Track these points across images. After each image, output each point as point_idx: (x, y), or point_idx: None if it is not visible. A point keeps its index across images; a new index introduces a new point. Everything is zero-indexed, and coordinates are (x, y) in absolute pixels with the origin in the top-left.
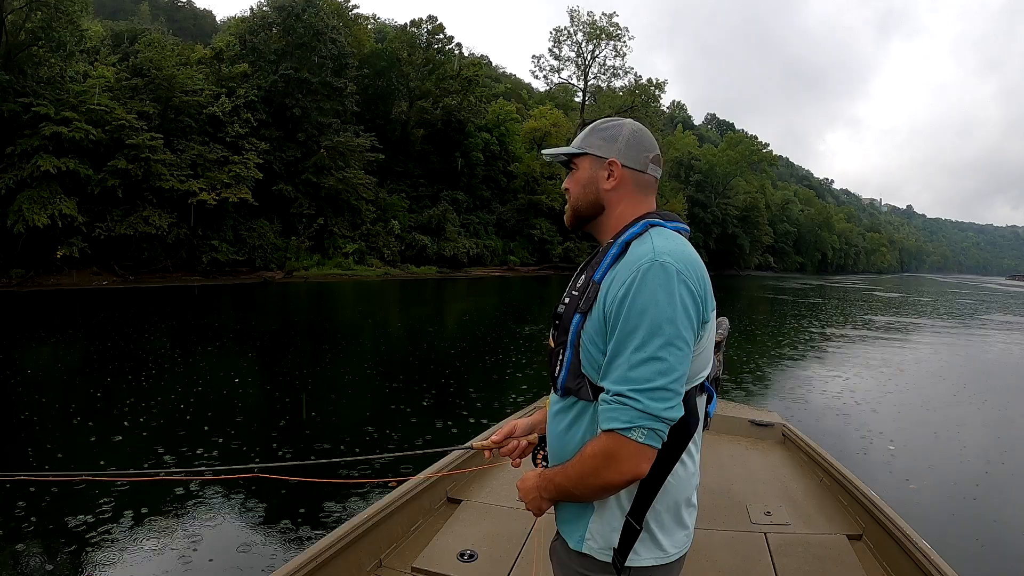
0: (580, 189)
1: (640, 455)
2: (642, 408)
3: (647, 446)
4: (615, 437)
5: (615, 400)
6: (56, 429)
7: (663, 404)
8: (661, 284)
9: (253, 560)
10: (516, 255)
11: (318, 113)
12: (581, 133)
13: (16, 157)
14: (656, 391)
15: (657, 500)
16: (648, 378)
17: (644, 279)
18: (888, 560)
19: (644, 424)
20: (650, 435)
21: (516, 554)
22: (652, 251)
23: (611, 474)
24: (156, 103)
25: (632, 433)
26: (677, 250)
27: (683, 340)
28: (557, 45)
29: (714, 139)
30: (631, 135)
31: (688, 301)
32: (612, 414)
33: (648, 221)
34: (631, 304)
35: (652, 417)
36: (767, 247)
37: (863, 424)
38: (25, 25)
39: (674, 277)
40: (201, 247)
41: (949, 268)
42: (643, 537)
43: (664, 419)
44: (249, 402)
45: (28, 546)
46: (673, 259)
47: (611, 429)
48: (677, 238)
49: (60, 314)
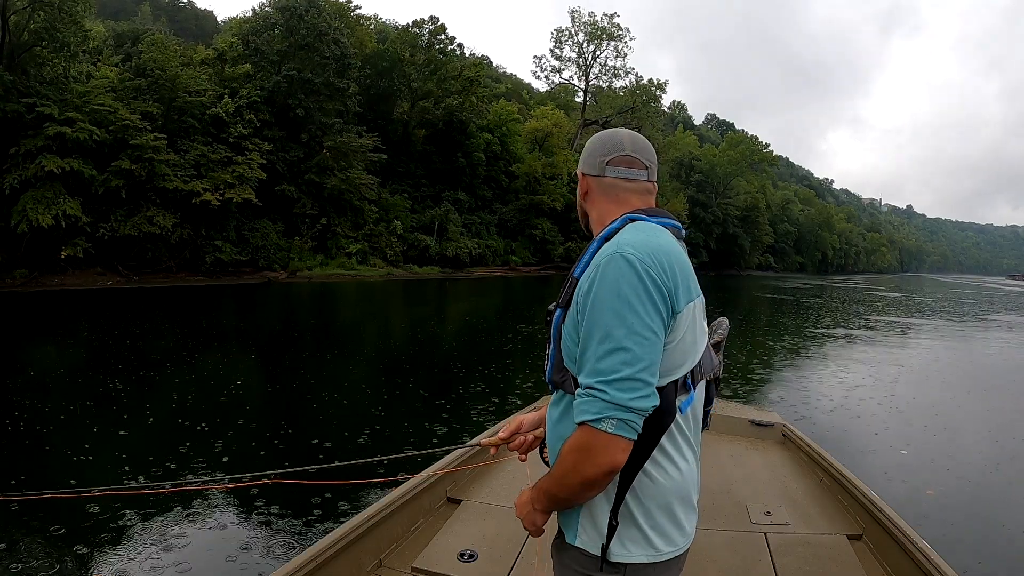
0: (576, 203)
1: (612, 445)
2: (609, 399)
3: (619, 436)
4: (587, 429)
5: (586, 393)
6: (60, 430)
7: (630, 394)
8: (622, 275)
9: (253, 560)
10: (518, 255)
11: (321, 113)
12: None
13: (20, 157)
14: (622, 381)
15: (644, 497)
16: (614, 369)
17: (605, 271)
18: (888, 560)
19: (613, 415)
20: (620, 425)
21: (516, 554)
22: (616, 244)
23: (588, 467)
24: (159, 103)
25: (602, 424)
26: (643, 241)
27: (648, 329)
28: (558, 45)
29: (714, 139)
30: (592, 143)
31: (652, 290)
32: (583, 407)
33: (628, 216)
34: (594, 297)
35: (620, 407)
36: (768, 247)
37: (864, 424)
38: (28, 25)
39: (636, 267)
40: (204, 247)
41: (949, 268)
42: (633, 534)
43: (633, 409)
44: (254, 403)
45: (29, 551)
46: (636, 250)
47: (583, 421)
48: (652, 230)
49: (67, 314)
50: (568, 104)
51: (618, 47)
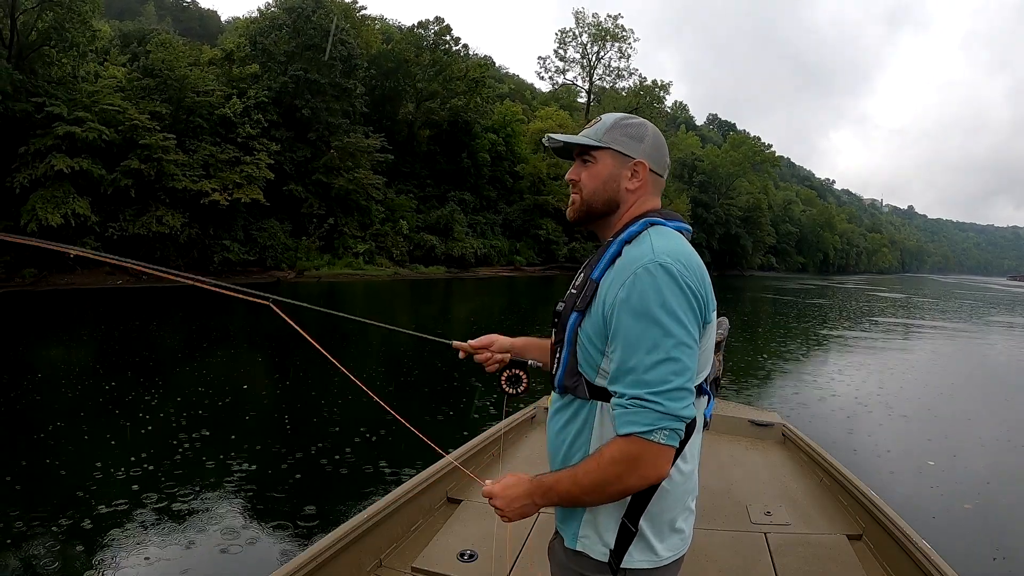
0: (598, 184)
1: (662, 456)
2: (663, 410)
3: (668, 447)
4: (636, 441)
5: (633, 403)
6: (67, 428)
7: (681, 403)
8: (665, 285)
9: (253, 560)
10: (522, 255)
11: (328, 114)
12: (599, 125)
13: (30, 156)
14: (674, 391)
15: (654, 502)
16: (665, 379)
17: (646, 280)
18: (888, 560)
19: (666, 425)
20: (671, 435)
21: (516, 554)
22: (652, 251)
23: (633, 479)
24: (168, 104)
25: (654, 435)
26: (677, 250)
27: (692, 339)
28: (562, 46)
29: (716, 140)
30: (656, 137)
31: (693, 301)
32: (632, 418)
33: (648, 220)
34: (636, 306)
35: (673, 417)
36: (769, 247)
37: (864, 424)
38: (37, 25)
39: (676, 277)
40: (213, 247)
41: (950, 268)
42: (637, 539)
43: (683, 418)
44: (261, 401)
45: (29, 545)
46: (673, 259)
47: (631, 433)
48: (677, 237)
49: (80, 314)
50: (571, 105)
51: (622, 48)
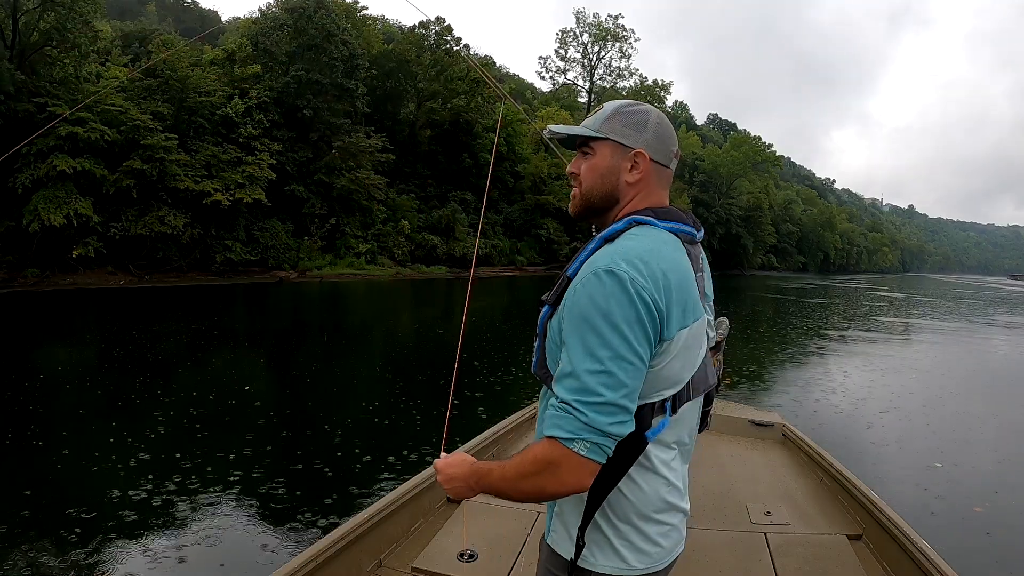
0: (597, 178)
1: (582, 468)
2: (587, 420)
3: (589, 459)
4: (557, 446)
5: (561, 408)
6: (70, 428)
7: (609, 419)
8: (612, 294)
9: (253, 560)
10: (524, 255)
11: (329, 114)
12: (599, 113)
13: (32, 157)
14: (603, 405)
15: (613, 514)
16: (594, 391)
17: (593, 286)
18: (888, 560)
19: (588, 437)
20: (593, 449)
21: (516, 554)
22: (612, 254)
23: (551, 483)
24: (170, 104)
25: (575, 445)
26: (642, 254)
27: (635, 354)
28: (563, 46)
29: (716, 139)
30: (659, 125)
31: (643, 314)
32: (557, 421)
33: (634, 218)
34: (579, 311)
35: (596, 431)
36: (770, 247)
37: (864, 424)
38: (39, 25)
39: (627, 287)
40: (215, 247)
41: (951, 268)
42: (601, 544)
43: (610, 434)
44: (265, 402)
45: (30, 545)
46: (630, 266)
47: (553, 436)
48: (656, 239)
49: (84, 314)
50: (572, 105)
51: (623, 48)
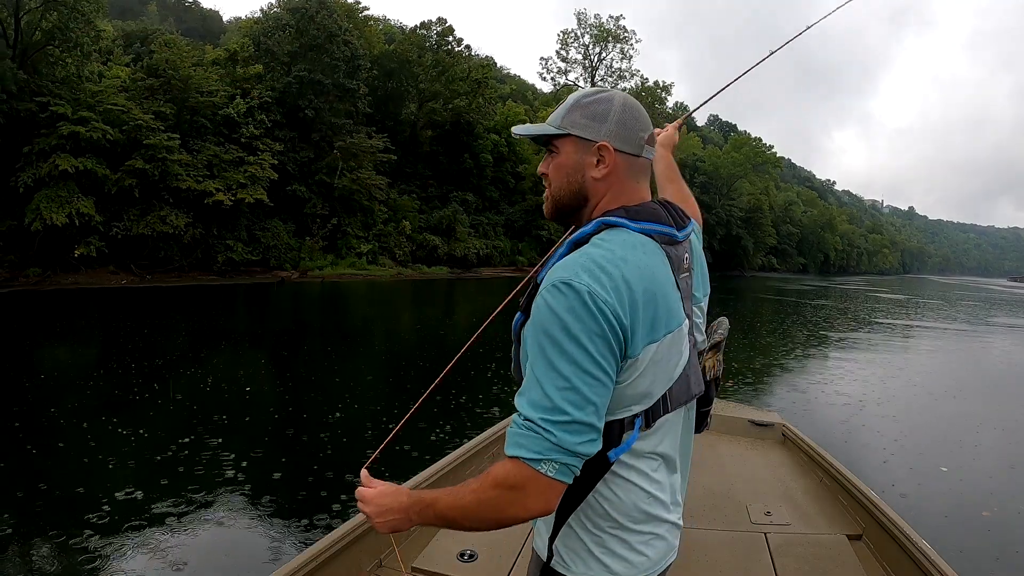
0: (564, 178)
1: (549, 490)
2: (555, 440)
3: (556, 481)
4: (522, 467)
5: (526, 426)
6: (72, 428)
7: (577, 439)
8: (571, 309)
9: (252, 560)
10: (524, 255)
11: (331, 114)
12: (560, 108)
13: (34, 156)
14: (569, 424)
15: (590, 523)
16: (560, 409)
17: (553, 298)
18: (888, 560)
19: (556, 458)
20: (562, 470)
21: (516, 554)
22: (575, 264)
23: (515, 509)
24: (172, 104)
25: (542, 466)
26: (604, 264)
27: (600, 369)
28: (564, 47)
29: (717, 141)
30: (623, 111)
31: (606, 329)
32: (521, 440)
33: (603, 220)
34: (542, 323)
35: (564, 451)
36: (771, 248)
37: (864, 424)
38: (41, 24)
39: (587, 301)
40: (216, 247)
41: (951, 270)
42: (580, 551)
43: (579, 454)
44: (266, 402)
45: (31, 544)
46: (591, 277)
47: (518, 457)
48: (627, 244)
49: (86, 313)
50: None
51: (624, 49)
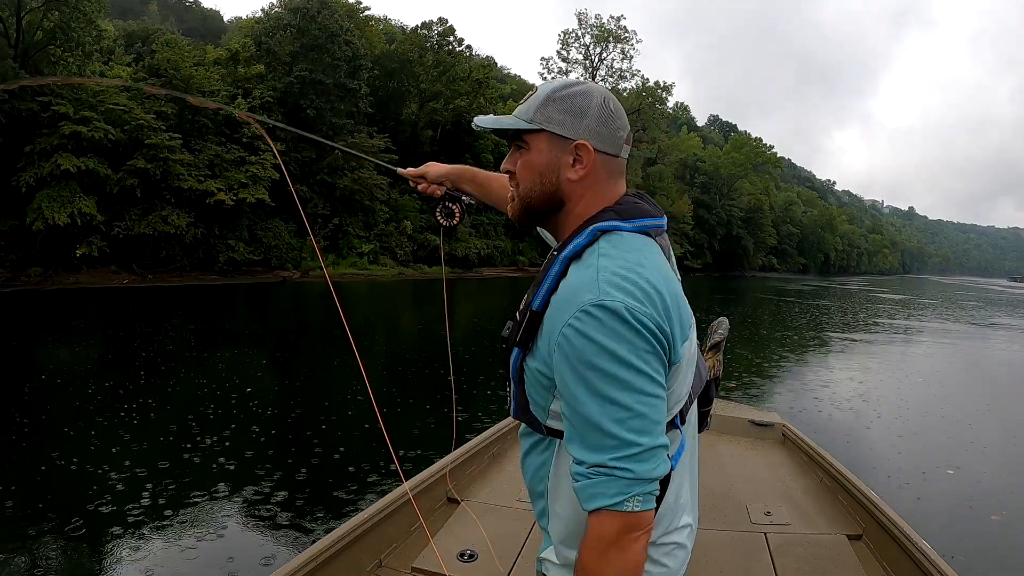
0: (535, 177)
1: (644, 522)
2: (633, 476)
3: (647, 512)
4: (609, 516)
5: (596, 472)
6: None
7: (653, 464)
8: (614, 334)
9: (253, 560)
10: (525, 255)
11: (332, 114)
12: (531, 100)
13: (36, 156)
14: (643, 453)
15: None
16: (630, 441)
17: (590, 327)
18: (888, 560)
19: (639, 491)
20: (647, 499)
21: (516, 554)
22: (596, 280)
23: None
24: (173, 103)
25: (627, 505)
26: (629, 272)
27: (657, 386)
28: (565, 47)
29: (717, 141)
30: (603, 107)
31: (653, 341)
32: (596, 489)
33: (597, 227)
34: (582, 357)
35: (645, 481)
36: (771, 248)
37: (864, 424)
38: (42, 24)
39: (627, 319)
40: (218, 247)
41: (951, 270)
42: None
43: (657, 479)
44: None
45: (32, 544)
46: (622, 293)
47: (600, 507)
48: (633, 247)
49: (89, 312)
50: None
51: (624, 49)
